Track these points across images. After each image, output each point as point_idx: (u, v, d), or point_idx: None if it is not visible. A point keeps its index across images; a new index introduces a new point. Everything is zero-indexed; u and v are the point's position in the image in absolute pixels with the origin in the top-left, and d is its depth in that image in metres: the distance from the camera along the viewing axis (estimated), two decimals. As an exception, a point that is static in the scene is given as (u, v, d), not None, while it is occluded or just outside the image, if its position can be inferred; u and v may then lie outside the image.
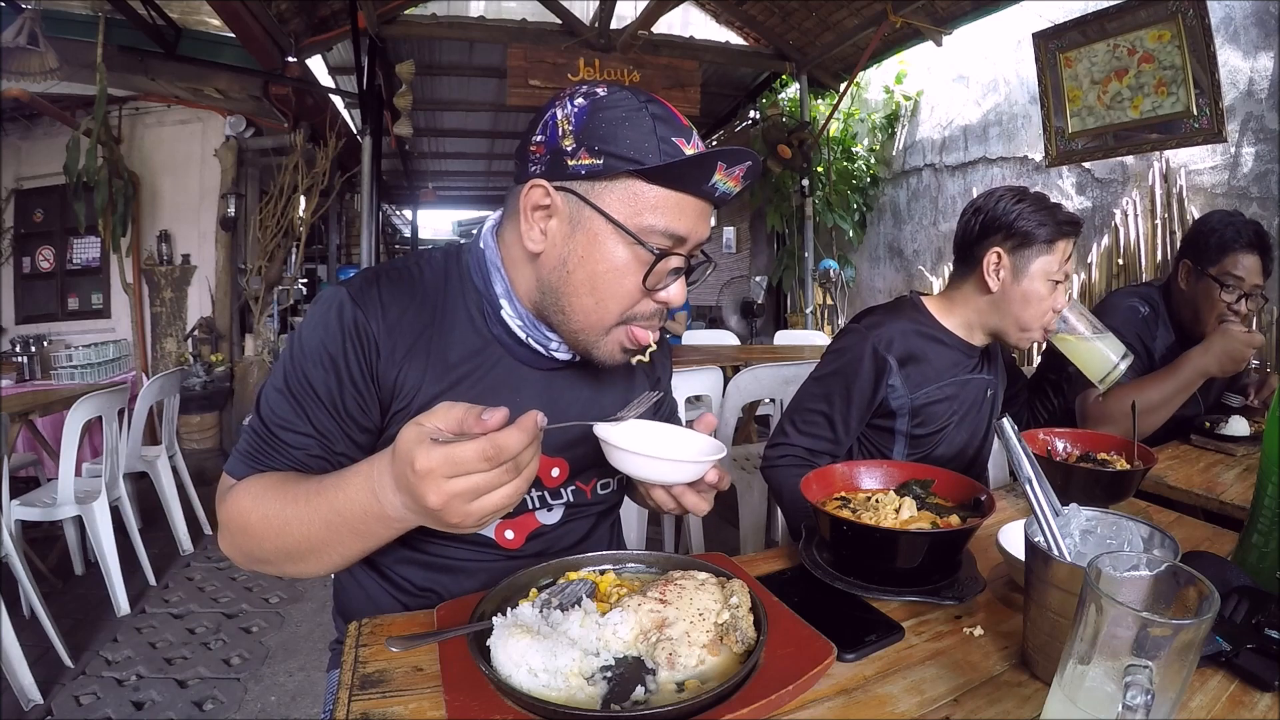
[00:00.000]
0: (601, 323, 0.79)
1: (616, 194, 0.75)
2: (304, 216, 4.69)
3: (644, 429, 0.84)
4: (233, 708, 2.02)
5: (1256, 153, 2.92)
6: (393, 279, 0.83)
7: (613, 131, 0.73)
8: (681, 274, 0.80)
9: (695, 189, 0.75)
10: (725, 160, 0.72)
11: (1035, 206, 1.24)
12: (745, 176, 0.76)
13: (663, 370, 1.08)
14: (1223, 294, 1.63)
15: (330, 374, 0.77)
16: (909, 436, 1.31)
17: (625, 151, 0.73)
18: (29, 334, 4.19)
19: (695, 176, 0.74)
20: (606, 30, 4.72)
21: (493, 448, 0.55)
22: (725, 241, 7.30)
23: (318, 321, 0.79)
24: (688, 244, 0.78)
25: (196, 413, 4.23)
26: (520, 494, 0.60)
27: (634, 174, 0.74)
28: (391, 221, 11.19)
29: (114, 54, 3.72)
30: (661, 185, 0.74)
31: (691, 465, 0.74)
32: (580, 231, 0.76)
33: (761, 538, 2.24)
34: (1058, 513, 0.71)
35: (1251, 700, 0.63)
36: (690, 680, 0.60)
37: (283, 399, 0.78)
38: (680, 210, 0.76)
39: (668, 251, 0.76)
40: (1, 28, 3.13)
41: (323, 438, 0.78)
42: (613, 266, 0.76)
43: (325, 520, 0.68)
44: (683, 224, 0.76)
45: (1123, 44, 3.26)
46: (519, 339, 0.84)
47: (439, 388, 0.81)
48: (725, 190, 0.76)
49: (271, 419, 0.78)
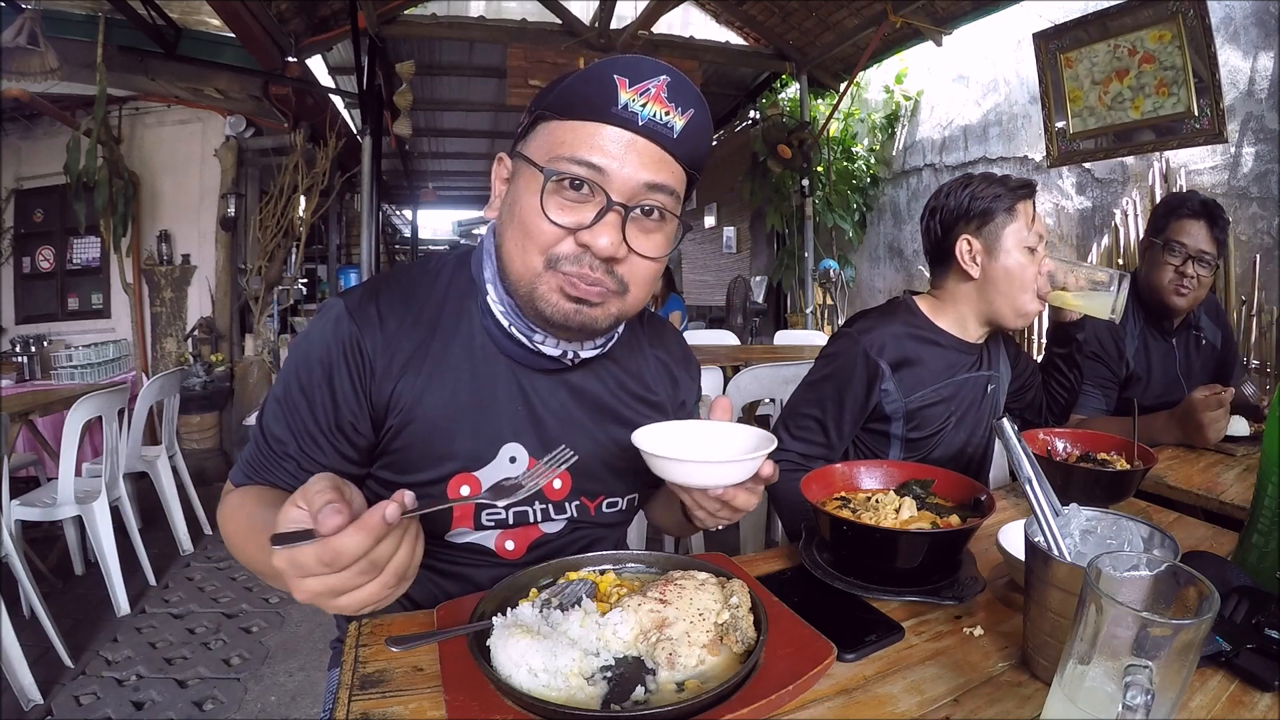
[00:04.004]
0: (527, 267, 0.75)
1: (538, 139, 0.75)
2: (304, 216, 4.69)
3: (678, 431, 0.80)
4: (233, 708, 2.02)
5: (1256, 153, 2.92)
6: (394, 290, 0.82)
7: (552, 89, 0.75)
8: (610, 215, 0.72)
9: (603, 115, 0.70)
10: (622, 72, 0.69)
11: (985, 184, 1.26)
12: (673, 99, 0.71)
13: (688, 394, 1.01)
14: (1167, 257, 1.71)
15: (322, 390, 0.77)
16: (904, 440, 1.30)
17: (551, 100, 0.74)
18: (29, 334, 4.19)
19: (596, 96, 0.70)
20: (606, 30, 4.72)
21: (329, 553, 0.50)
22: (725, 241, 7.30)
23: (315, 335, 0.79)
24: (612, 180, 0.71)
25: (196, 413, 4.23)
26: (383, 593, 0.54)
27: (549, 115, 0.74)
28: (391, 221, 11.19)
29: (114, 54, 3.71)
30: (570, 118, 0.72)
31: (745, 463, 0.68)
32: (514, 185, 0.77)
33: (761, 538, 2.24)
34: (1058, 513, 0.71)
35: (1251, 700, 0.63)
36: (690, 680, 0.60)
37: (279, 411, 0.79)
38: (591, 139, 0.71)
39: (572, 177, 0.71)
40: (1, 28, 3.13)
41: (309, 455, 0.78)
42: (525, 203, 0.74)
43: (266, 561, 0.62)
44: (595, 154, 0.71)
45: (1123, 44, 3.26)
46: (509, 334, 0.81)
47: (442, 394, 0.80)
48: (651, 116, 0.70)
49: (269, 432, 0.80)
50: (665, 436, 0.77)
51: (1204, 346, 1.89)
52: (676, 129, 0.72)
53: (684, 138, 0.73)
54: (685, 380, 1.00)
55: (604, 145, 0.71)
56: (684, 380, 1.00)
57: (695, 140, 0.75)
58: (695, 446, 0.77)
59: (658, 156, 0.73)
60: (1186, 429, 1.52)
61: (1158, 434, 1.56)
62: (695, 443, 0.78)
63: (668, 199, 0.75)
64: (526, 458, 0.83)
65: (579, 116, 0.72)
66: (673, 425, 0.81)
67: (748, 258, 6.93)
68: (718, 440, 0.78)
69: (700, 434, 0.80)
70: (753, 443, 0.75)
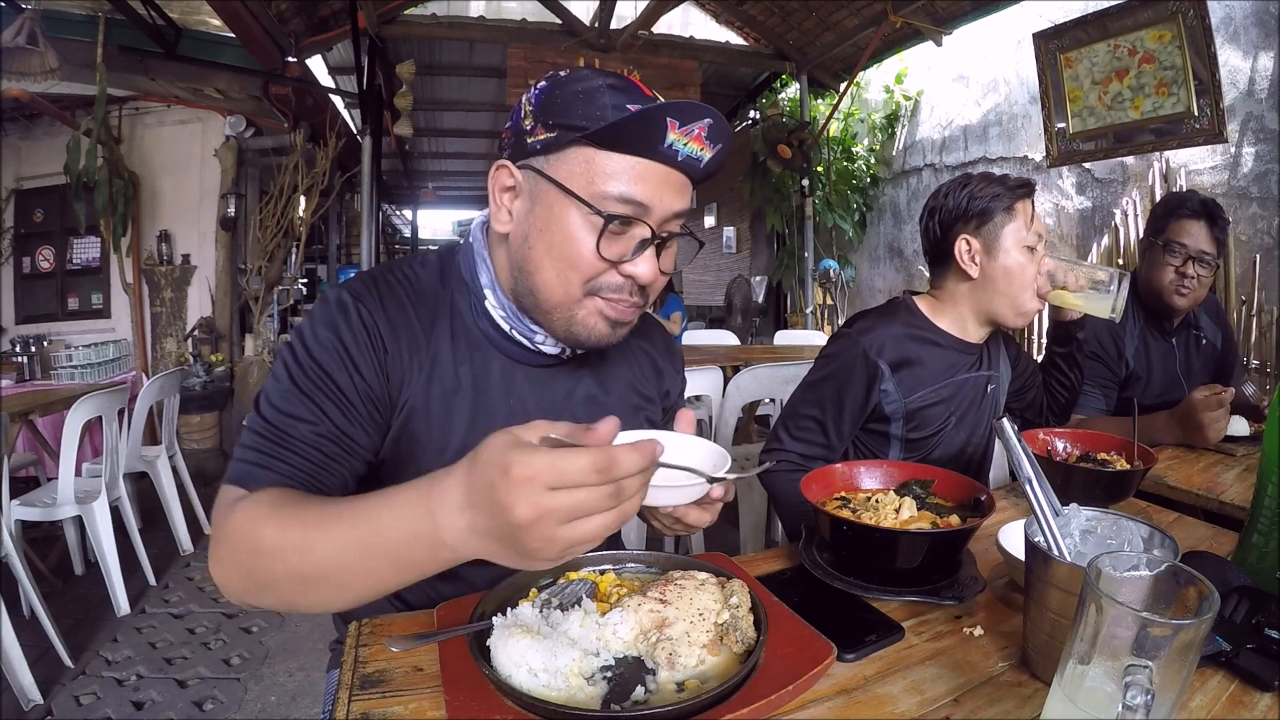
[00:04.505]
0: (568, 296, 0.77)
1: (569, 163, 0.74)
2: (304, 216, 4.69)
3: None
4: (233, 708, 2.02)
5: (1256, 153, 2.92)
6: (389, 282, 0.82)
7: (568, 104, 0.73)
8: (650, 246, 0.75)
9: (649, 151, 0.72)
10: (674, 115, 0.70)
11: (983, 183, 1.26)
12: (711, 138, 0.73)
13: (672, 383, 1.04)
14: (1167, 257, 1.70)
15: (344, 366, 0.75)
16: (904, 441, 1.30)
17: (576, 120, 0.72)
18: (29, 334, 4.19)
19: (645, 136, 0.71)
20: (606, 30, 4.72)
21: (607, 460, 0.47)
22: (725, 241, 7.29)
23: (324, 318, 0.78)
24: (652, 213, 0.74)
25: (196, 413, 4.23)
26: (614, 528, 0.51)
27: (584, 141, 0.73)
28: (391, 221, 11.19)
29: (114, 54, 3.71)
30: (613, 150, 0.73)
31: (693, 488, 0.67)
32: (539, 205, 0.77)
33: (761, 538, 2.24)
34: (1058, 513, 0.71)
35: (1251, 700, 0.63)
36: (690, 680, 0.60)
37: (292, 394, 0.73)
38: (637, 175, 0.73)
39: (622, 216, 0.73)
40: (1, 28, 3.13)
41: (339, 431, 0.74)
42: (568, 235, 0.74)
43: (361, 541, 0.57)
44: (640, 190, 0.73)
45: (1123, 44, 3.26)
46: (504, 332, 0.83)
47: (437, 390, 0.81)
48: (690, 153, 0.73)
49: (279, 418, 0.73)
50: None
51: (1204, 346, 1.89)
52: (704, 161, 0.76)
53: (707, 166, 0.77)
54: (670, 372, 1.03)
55: (650, 181, 0.74)
56: (669, 372, 1.03)
57: (713, 166, 0.78)
58: None
59: (684, 185, 0.77)
60: (1186, 429, 1.52)
61: (1158, 434, 1.56)
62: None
63: (684, 219, 0.80)
64: None
65: (624, 151, 0.73)
66: (634, 435, 0.80)
67: (748, 258, 6.93)
68: (677, 456, 0.76)
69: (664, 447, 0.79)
70: (710, 462, 0.72)
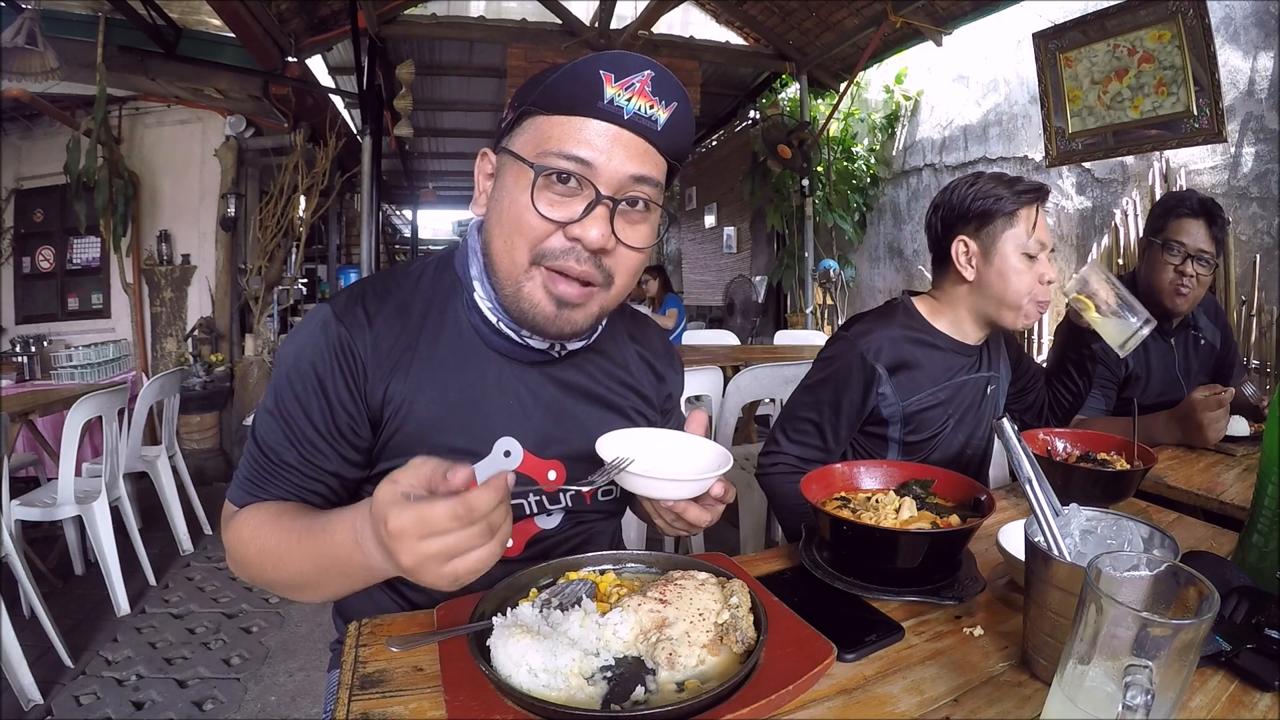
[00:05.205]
0: (514, 263, 0.76)
1: (524, 134, 0.76)
2: (304, 216, 4.69)
3: (645, 439, 0.81)
4: (233, 708, 2.02)
5: (1256, 153, 2.92)
6: (379, 291, 0.83)
7: (533, 84, 0.75)
8: (600, 208, 0.73)
9: (589, 109, 0.71)
10: (608, 68, 0.70)
11: (992, 184, 1.22)
12: (659, 94, 0.72)
13: (674, 387, 1.04)
14: (1166, 257, 1.70)
15: (318, 395, 0.77)
16: (902, 444, 1.29)
17: (536, 96, 0.74)
18: (29, 334, 4.19)
19: (582, 93, 0.71)
20: (606, 30, 4.72)
21: (463, 507, 0.53)
22: (725, 241, 7.30)
23: (304, 341, 0.79)
24: (599, 173, 0.73)
25: (196, 413, 4.23)
26: (494, 558, 0.57)
27: (534, 111, 0.74)
28: (391, 221, 11.19)
29: (114, 54, 3.71)
30: (556, 113, 0.73)
31: (693, 483, 0.71)
32: (500, 178, 0.78)
33: (761, 538, 2.24)
34: (1058, 513, 0.71)
35: (1251, 700, 0.63)
36: (690, 680, 0.60)
37: (274, 422, 0.79)
38: (575, 131, 0.72)
39: (560, 171, 0.72)
40: (1, 28, 3.13)
41: (312, 461, 0.79)
42: (513, 198, 0.75)
43: (315, 560, 0.69)
44: (582, 148, 0.72)
45: (1123, 44, 3.25)
46: (494, 327, 0.83)
47: (433, 393, 0.81)
48: (637, 110, 0.72)
49: (265, 444, 0.79)
50: (628, 443, 0.78)
51: (1203, 346, 1.89)
52: (660, 122, 0.74)
53: (667, 130, 0.75)
54: (670, 375, 1.02)
55: (591, 139, 0.72)
56: (669, 375, 1.02)
57: (678, 132, 0.76)
58: (655, 456, 0.78)
59: (642, 149, 0.75)
60: (1186, 429, 1.51)
61: (1157, 434, 1.56)
62: (656, 453, 0.79)
63: (652, 190, 0.77)
64: (520, 451, 0.84)
65: (565, 111, 0.73)
66: (638, 432, 0.82)
67: (748, 258, 6.92)
68: (680, 453, 0.80)
69: (664, 444, 0.81)
70: (713, 462, 0.76)
